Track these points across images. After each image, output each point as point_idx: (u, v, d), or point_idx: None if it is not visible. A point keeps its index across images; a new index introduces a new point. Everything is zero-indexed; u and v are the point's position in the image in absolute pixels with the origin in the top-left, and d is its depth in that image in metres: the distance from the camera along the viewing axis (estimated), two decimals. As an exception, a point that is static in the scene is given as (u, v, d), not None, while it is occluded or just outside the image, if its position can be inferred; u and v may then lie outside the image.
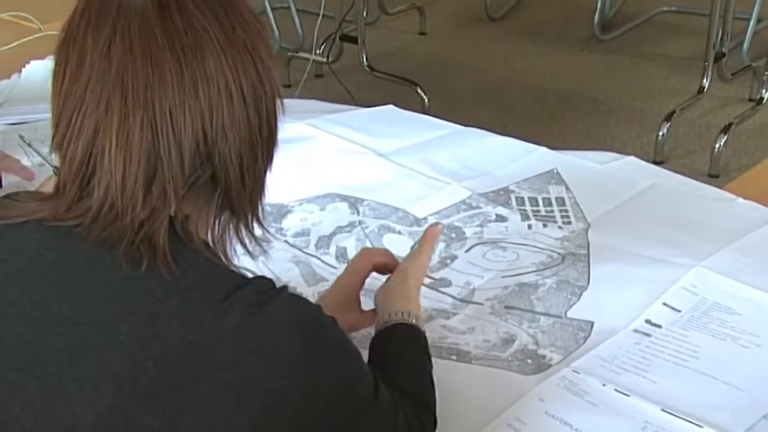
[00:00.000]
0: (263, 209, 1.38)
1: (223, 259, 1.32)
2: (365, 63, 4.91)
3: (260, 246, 1.39)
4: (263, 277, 1.28)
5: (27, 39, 2.90)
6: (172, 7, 1.24)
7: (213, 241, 1.32)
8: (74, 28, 1.26)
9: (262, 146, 1.31)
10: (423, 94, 4.43)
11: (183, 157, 1.23)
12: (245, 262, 1.35)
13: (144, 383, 1.19)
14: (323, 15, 4.34)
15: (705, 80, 4.59)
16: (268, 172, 1.35)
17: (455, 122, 2.57)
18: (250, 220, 1.36)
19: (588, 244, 2.01)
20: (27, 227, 1.29)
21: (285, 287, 1.27)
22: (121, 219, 1.23)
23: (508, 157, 2.33)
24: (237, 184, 1.30)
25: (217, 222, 1.32)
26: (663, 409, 1.58)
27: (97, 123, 1.23)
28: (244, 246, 1.37)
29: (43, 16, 3.03)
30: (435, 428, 1.49)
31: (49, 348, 1.23)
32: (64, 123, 1.26)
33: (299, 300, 1.29)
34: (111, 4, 1.24)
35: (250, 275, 1.30)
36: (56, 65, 1.28)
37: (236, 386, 1.20)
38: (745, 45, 4.91)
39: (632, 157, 2.33)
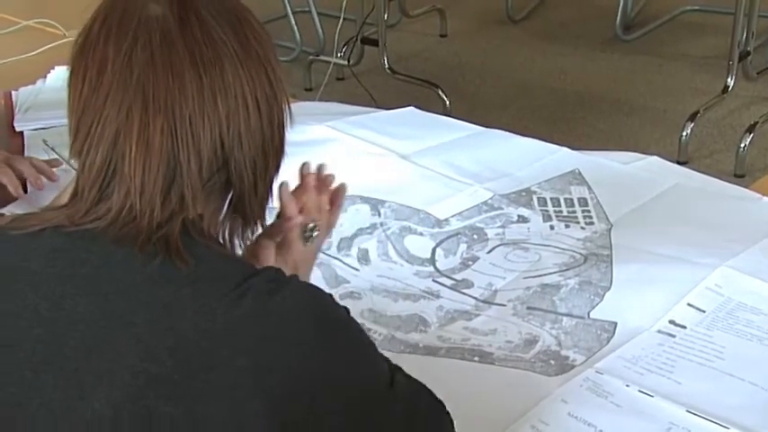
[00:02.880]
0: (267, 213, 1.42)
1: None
2: (386, 66, 4.91)
3: None
4: (272, 267, 1.32)
5: (51, 45, 2.91)
6: (191, 19, 1.28)
7: (222, 241, 1.35)
8: (93, 38, 1.29)
9: (273, 153, 1.36)
10: (444, 96, 4.43)
11: (201, 162, 1.27)
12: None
13: (160, 373, 1.21)
14: (344, 18, 4.34)
15: (730, 79, 4.58)
16: (276, 178, 1.39)
17: (476, 124, 2.57)
18: (257, 223, 1.41)
19: (611, 244, 2.00)
20: (44, 234, 1.31)
21: (295, 275, 1.30)
22: (139, 220, 1.26)
23: (530, 158, 2.33)
24: (250, 189, 1.34)
25: (226, 224, 1.36)
26: (688, 411, 1.57)
27: (118, 130, 1.26)
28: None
29: (68, 23, 3.04)
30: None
31: (65, 346, 1.24)
32: (84, 130, 1.28)
33: (309, 286, 1.30)
34: (133, 15, 1.28)
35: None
36: (73, 73, 1.31)
37: (250, 372, 1.21)
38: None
39: (655, 158, 2.32)
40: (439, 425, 1.44)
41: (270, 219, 1.52)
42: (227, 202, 1.34)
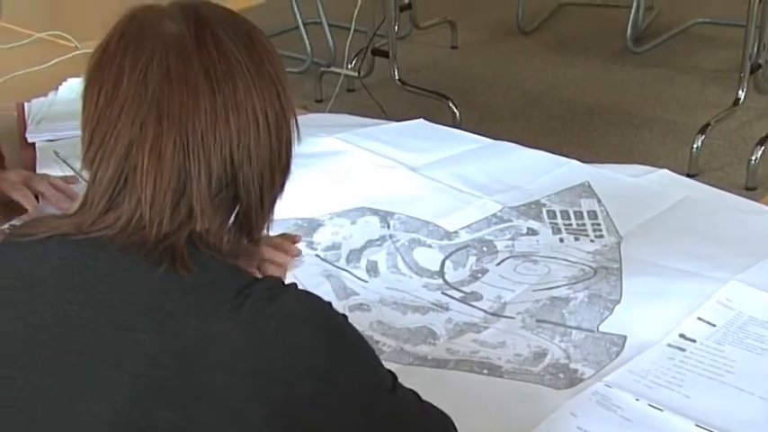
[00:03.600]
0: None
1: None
2: (396, 77, 4.91)
3: None
4: (272, 277, 1.36)
5: (64, 57, 2.93)
6: (207, 38, 1.30)
7: (224, 252, 1.34)
8: (110, 52, 1.31)
9: (280, 170, 1.37)
10: (454, 108, 4.42)
11: (210, 176, 1.28)
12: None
13: (161, 377, 1.22)
14: (354, 30, 4.33)
15: (741, 92, 4.56)
16: (281, 194, 1.39)
17: (486, 136, 2.56)
18: (258, 236, 1.41)
19: (621, 258, 2.00)
20: (51, 241, 1.33)
21: (294, 283, 1.31)
22: (147, 230, 1.27)
23: (539, 171, 2.33)
24: (257, 204, 1.35)
25: (230, 236, 1.35)
26: (697, 425, 1.57)
27: (131, 142, 1.27)
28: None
29: (80, 35, 3.05)
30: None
31: (70, 352, 1.26)
32: (97, 141, 1.30)
33: (307, 293, 1.31)
34: (150, 31, 1.30)
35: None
36: (89, 86, 1.32)
37: (250, 377, 1.22)
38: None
39: (665, 171, 2.32)
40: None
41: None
42: (235, 216, 1.34)
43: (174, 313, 1.26)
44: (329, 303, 1.31)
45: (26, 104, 2.67)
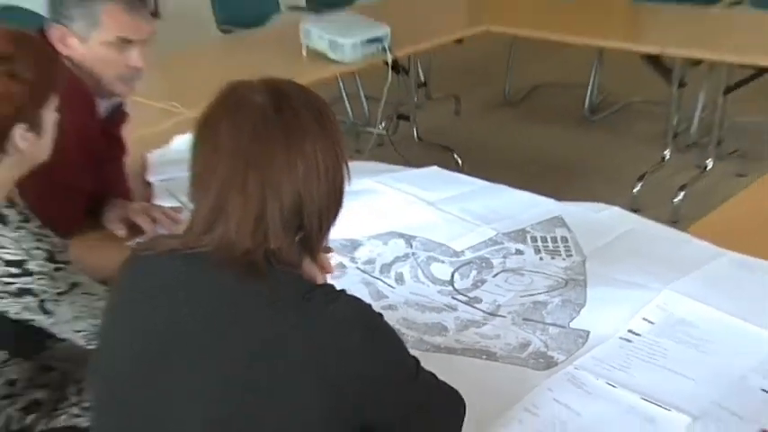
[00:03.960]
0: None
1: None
2: (415, 135, 4.94)
3: None
4: (328, 284, 1.33)
5: (175, 120, 2.93)
6: (285, 107, 1.30)
7: (292, 265, 1.33)
8: (213, 115, 1.32)
9: (335, 205, 1.36)
10: (458, 158, 4.42)
11: (282, 210, 1.28)
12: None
13: (245, 371, 1.22)
14: (385, 101, 4.32)
15: (666, 151, 4.66)
16: (335, 223, 1.37)
17: (484, 179, 2.54)
18: (317, 253, 1.39)
19: (585, 272, 1.98)
20: (166, 256, 1.33)
21: (344, 290, 1.30)
22: (234, 249, 1.27)
23: (524, 206, 2.31)
24: (316, 231, 1.34)
25: (296, 253, 1.33)
26: (642, 398, 1.56)
27: (225, 182, 1.28)
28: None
29: (187, 104, 3.07)
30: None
31: (175, 346, 1.28)
32: (200, 181, 1.31)
33: (356, 298, 1.30)
34: (242, 101, 1.31)
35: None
36: (197, 140, 1.33)
37: (313, 364, 1.22)
38: (693, 128, 4.91)
39: (617, 208, 2.30)
40: (453, 405, 1.43)
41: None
42: (299, 238, 1.32)
43: (256, 318, 1.26)
44: (370, 306, 1.30)
45: (148, 155, 2.67)
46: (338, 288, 1.30)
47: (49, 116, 1.71)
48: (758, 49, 3.92)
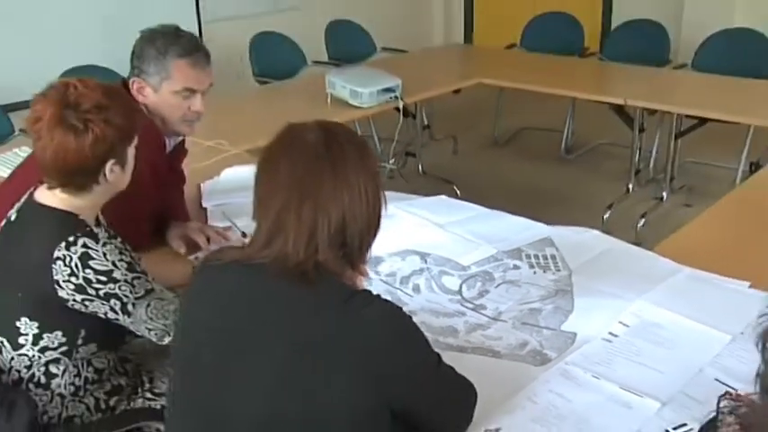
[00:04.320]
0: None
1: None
2: (420, 170, 4.94)
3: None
4: (366, 290, 1.35)
5: (223, 156, 2.95)
6: (333, 144, 1.31)
7: (337, 274, 1.34)
8: (273, 151, 1.35)
9: (374, 226, 1.37)
10: (456, 189, 4.42)
11: (330, 229, 1.29)
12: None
13: (295, 363, 1.24)
14: (396, 140, 4.34)
15: (630, 185, 4.67)
16: (374, 241, 1.39)
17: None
18: (358, 266, 1.40)
19: (572, 284, 1.98)
20: (231, 265, 1.35)
21: (379, 295, 1.32)
22: (289, 261, 1.28)
23: (519, 229, 2.30)
24: (358, 246, 1.35)
25: (340, 265, 1.34)
26: (620, 387, 1.58)
27: (282, 206, 1.29)
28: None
29: (232, 142, 3.09)
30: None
31: (236, 345, 1.30)
32: (262, 205, 1.33)
33: (389, 302, 1.32)
34: (297, 139, 1.33)
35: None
36: (259, 170, 1.35)
37: (354, 357, 1.24)
38: (651, 165, 4.93)
39: (596, 231, 2.30)
40: (467, 394, 1.44)
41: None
42: (342, 253, 1.33)
43: (304, 317, 1.27)
44: (401, 308, 1.32)
45: (202, 185, 2.68)
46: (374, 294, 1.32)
47: (131, 152, 1.75)
48: (701, 102, 4.00)
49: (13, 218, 1.73)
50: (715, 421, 1.20)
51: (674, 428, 1.45)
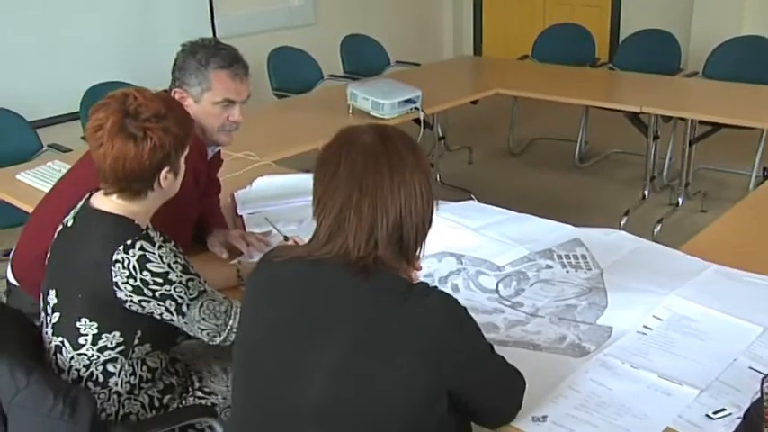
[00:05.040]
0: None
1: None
2: (439, 180, 4.98)
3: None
4: (424, 282, 1.39)
5: (252, 167, 3.00)
6: (390, 146, 1.37)
7: (394, 268, 1.39)
8: (331, 152, 1.39)
9: (428, 222, 1.42)
10: (474, 198, 4.43)
11: (388, 225, 1.34)
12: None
13: (359, 351, 1.29)
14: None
15: (645, 192, 4.72)
16: (427, 236, 1.43)
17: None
18: (412, 260, 1.44)
19: (604, 281, 2.03)
20: (292, 261, 1.40)
21: (436, 287, 1.36)
22: (349, 256, 1.34)
23: (548, 231, 2.34)
24: (413, 242, 1.40)
25: (396, 259, 1.39)
26: (659, 376, 1.62)
27: (343, 204, 1.34)
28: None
29: (260, 153, 3.13)
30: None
31: (300, 331, 1.35)
32: (322, 203, 1.37)
33: (445, 293, 1.36)
34: (355, 141, 1.38)
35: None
36: (318, 171, 1.40)
37: (415, 343, 1.28)
38: (665, 172, 4.97)
39: (623, 232, 2.34)
40: (517, 382, 1.50)
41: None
42: (399, 247, 1.38)
43: (365, 306, 1.32)
44: (457, 300, 1.36)
45: (235, 194, 2.73)
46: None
47: (183, 161, 1.82)
48: (714, 109, 4.07)
49: (69, 224, 1.81)
50: (761, 402, 1.27)
51: (714, 413, 1.51)
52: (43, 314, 1.82)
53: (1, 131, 3.79)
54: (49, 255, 1.83)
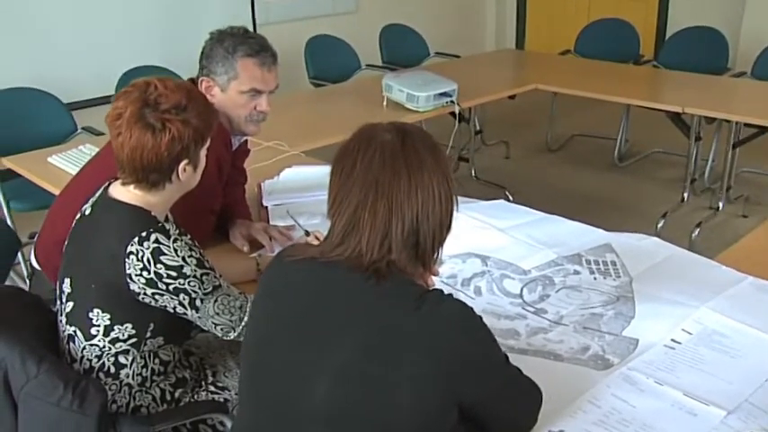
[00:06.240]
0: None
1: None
2: (473, 175, 4.93)
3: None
4: (438, 289, 1.35)
5: (281, 156, 2.97)
6: (408, 144, 1.32)
7: (409, 273, 1.35)
8: (349, 149, 1.35)
9: (446, 227, 1.37)
10: (509, 195, 4.42)
11: (403, 228, 1.30)
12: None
13: (370, 357, 1.25)
14: (450, 146, 4.35)
15: (685, 194, 4.63)
16: (445, 242, 1.39)
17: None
18: (429, 266, 1.40)
19: (633, 290, 1.98)
20: (304, 261, 1.37)
21: (451, 294, 1.32)
22: (363, 258, 1.30)
23: (578, 234, 2.30)
24: (430, 247, 1.35)
25: (412, 264, 1.35)
26: (685, 394, 1.57)
27: (358, 204, 1.31)
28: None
29: (290, 142, 3.11)
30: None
31: (309, 331, 1.32)
32: (338, 202, 1.34)
33: (460, 301, 1.32)
34: (373, 138, 1.34)
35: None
36: (334, 168, 1.36)
37: (426, 351, 1.24)
38: (706, 175, 4.88)
39: (656, 238, 2.29)
40: (533, 395, 1.45)
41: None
42: (415, 252, 1.34)
43: (376, 310, 1.29)
44: (472, 308, 1.32)
45: (262, 184, 2.71)
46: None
47: (203, 154, 1.79)
48: (761, 111, 3.94)
49: (87, 212, 1.79)
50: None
51: (741, 437, 1.45)
52: (58, 302, 1.80)
53: (37, 113, 3.82)
54: (66, 242, 1.82)
